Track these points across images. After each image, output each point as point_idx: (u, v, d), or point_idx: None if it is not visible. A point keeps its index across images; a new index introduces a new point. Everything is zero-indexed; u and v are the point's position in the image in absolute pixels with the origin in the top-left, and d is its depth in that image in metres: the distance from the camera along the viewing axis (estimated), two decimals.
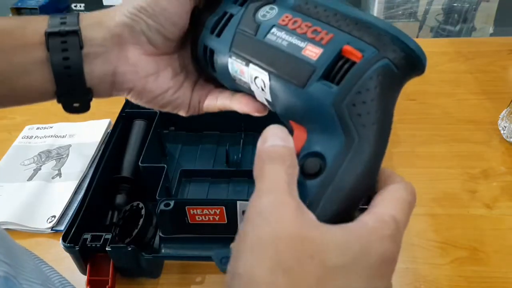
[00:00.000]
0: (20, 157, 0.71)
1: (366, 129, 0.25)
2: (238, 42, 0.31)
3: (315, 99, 0.26)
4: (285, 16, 0.29)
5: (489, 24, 1.46)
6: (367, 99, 0.25)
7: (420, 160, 0.67)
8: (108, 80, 0.32)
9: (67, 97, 0.32)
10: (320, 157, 0.26)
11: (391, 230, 0.24)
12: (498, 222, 0.58)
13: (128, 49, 0.32)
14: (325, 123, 0.26)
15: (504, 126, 0.69)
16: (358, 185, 0.25)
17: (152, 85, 0.33)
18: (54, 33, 0.30)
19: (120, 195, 0.58)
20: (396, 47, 0.26)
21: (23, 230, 0.60)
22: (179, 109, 0.36)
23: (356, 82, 0.25)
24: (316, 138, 0.27)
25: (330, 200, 0.25)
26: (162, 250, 0.52)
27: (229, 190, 0.62)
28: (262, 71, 0.29)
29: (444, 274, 0.52)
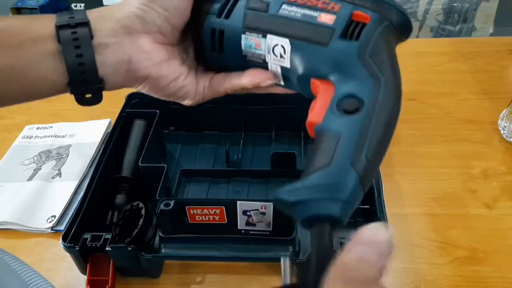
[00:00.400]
0: (20, 157, 0.71)
1: (388, 71, 0.30)
2: (250, 19, 0.33)
3: (341, 53, 0.31)
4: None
5: (489, 24, 1.46)
6: (383, 49, 0.30)
7: (420, 160, 0.67)
8: (122, 69, 0.33)
9: (80, 88, 0.32)
10: (355, 97, 0.29)
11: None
12: (498, 222, 0.58)
13: (140, 38, 0.33)
14: (351, 71, 0.30)
15: (504, 126, 0.69)
16: (394, 111, 0.30)
17: (166, 70, 0.34)
18: (64, 26, 0.31)
19: (120, 195, 0.58)
20: (392, 13, 0.31)
21: (23, 230, 0.60)
22: (186, 96, 0.37)
23: (371, 37, 0.30)
24: (345, 85, 0.30)
25: (378, 126, 0.28)
26: (162, 250, 0.52)
27: (229, 190, 0.62)
28: (282, 38, 0.32)
29: (444, 274, 0.52)
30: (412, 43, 0.95)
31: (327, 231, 0.25)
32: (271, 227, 0.51)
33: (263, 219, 0.51)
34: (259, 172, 0.63)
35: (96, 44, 0.32)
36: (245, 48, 0.34)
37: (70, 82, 0.32)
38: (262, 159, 0.67)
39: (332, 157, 0.27)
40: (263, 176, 0.63)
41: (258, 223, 0.51)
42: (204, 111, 0.70)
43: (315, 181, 0.26)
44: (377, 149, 0.28)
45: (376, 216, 0.52)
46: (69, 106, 0.82)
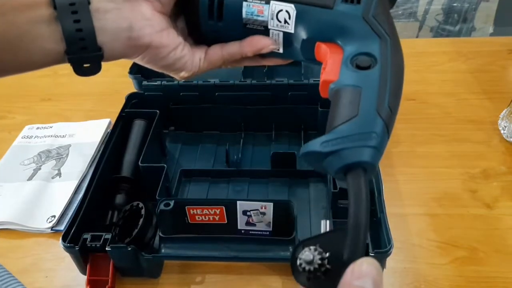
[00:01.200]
0: (20, 157, 0.71)
1: (390, 30, 0.32)
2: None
3: (346, 15, 0.32)
4: None
5: (489, 24, 1.46)
6: (384, 11, 0.32)
7: (420, 160, 0.67)
8: (123, 36, 0.32)
9: (77, 56, 0.31)
10: (367, 54, 0.31)
11: None
12: (498, 222, 0.58)
13: (140, 5, 0.33)
14: (357, 32, 0.32)
15: (504, 126, 0.69)
16: (401, 66, 0.31)
17: (167, 38, 0.34)
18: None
19: (120, 195, 0.58)
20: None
21: (23, 230, 0.60)
22: (182, 68, 0.36)
23: (372, 1, 0.32)
24: (353, 45, 0.32)
25: (393, 79, 0.30)
26: (162, 250, 0.52)
27: (229, 190, 0.62)
28: (287, 3, 0.33)
29: (444, 274, 0.52)
30: (412, 43, 0.95)
31: (362, 177, 0.26)
32: (271, 227, 0.51)
33: (263, 219, 0.50)
34: (259, 172, 0.63)
35: (94, 9, 0.30)
36: (246, 15, 0.34)
37: (68, 50, 0.30)
38: (262, 159, 0.67)
39: (358, 108, 0.28)
40: (263, 176, 0.63)
41: (258, 223, 0.51)
42: (204, 111, 0.70)
43: (347, 132, 0.27)
44: (396, 99, 0.30)
45: (376, 216, 0.52)
46: (69, 106, 0.82)
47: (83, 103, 0.82)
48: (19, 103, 0.83)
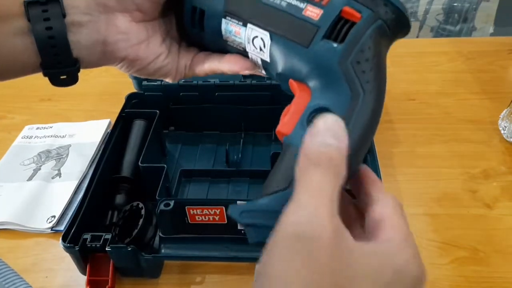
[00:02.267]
0: (20, 157, 0.71)
1: (369, 84, 0.27)
2: (232, 2, 0.31)
3: (320, 58, 0.27)
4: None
5: (489, 23, 1.46)
6: (369, 56, 0.27)
7: (420, 160, 0.67)
8: (97, 50, 0.31)
9: (53, 69, 0.30)
10: (329, 112, 0.27)
11: (415, 248, 0.24)
12: (499, 222, 0.57)
13: (117, 18, 0.31)
14: (330, 80, 0.27)
15: (504, 126, 0.69)
16: (367, 135, 0.27)
17: (145, 51, 0.33)
18: (34, 2, 0.29)
19: (120, 195, 0.58)
20: (387, 9, 0.28)
21: (23, 230, 0.60)
22: (167, 75, 0.35)
23: (358, 41, 0.27)
24: (321, 94, 0.28)
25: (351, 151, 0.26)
26: (162, 250, 0.52)
27: (229, 190, 0.62)
28: (262, 31, 0.29)
29: (444, 274, 0.52)
30: (412, 43, 0.95)
31: None
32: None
33: None
34: (259, 172, 0.63)
35: (69, 23, 0.29)
36: (225, 33, 0.32)
37: (43, 63, 0.30)
38: (262, 159, 0.67)
39: (290, 182, 0.25)
40: (263, 176, 0.62)
41: None
42: (204, 111, 0.70)
43: (268, 206, 0.25)
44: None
45: None
46: (69, 106, 0.82)
47: (83, 103, 0.82)
48: (19, 103, 0.83)
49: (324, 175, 0.22)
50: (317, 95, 0.28)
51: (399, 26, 0.29)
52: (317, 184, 0.21)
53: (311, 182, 0.22)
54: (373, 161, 0.58)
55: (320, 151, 0.22)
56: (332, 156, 0.22)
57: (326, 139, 0.23)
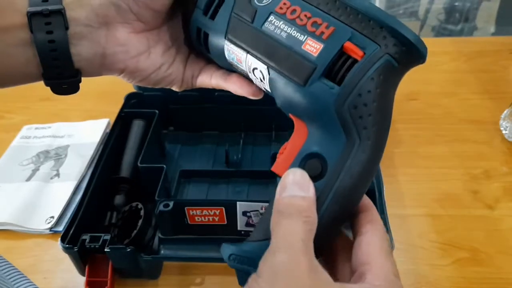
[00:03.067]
0: (18, 157, 0.71)
1: (367, 131, 0.25)
2: (234, 28, 0.29)
3: (315, 99, 0.26)
4: (283, 3, 0.28)
5: (491, 23, 1.46)
6: (368, 101, 0.25)
7: (421, 160, 0.66)
8: (97, 61, 0.31)
9: (55, 80, 0.30)
10: (321, 158, 0.26)
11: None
12: (500, 222, 0.57)
13: (116, 29, 0.31)
14: (325, 123, 0.26)
15: (506, 126, 0.69)
16: (360, 187, 0.26)
17: (145, 63, 0.32)
18: (37, 13, 0.28)
19: (119, 196, 0.58)
20: (396, 41, 0.25)
21: (21, 231, 0.60)
22: (172, 84, 0.35)
23: (357, 83, 0.25)
24: (317, 136, 0.27)
25: (334, 202, 0.25)
26: (161, 251, 0.52)
27: (228, 190, 0.62)
28: (261, 63, 0.28)
29: (446, 275, 0.52)
30: None
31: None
32: None
33: None
34: (259, 172, 0.63)
35: (70, 35, 0.29)
36: (228, 58, 0.31)
37: (44, 74, 0.30)
38: (262, 159, 0.66)
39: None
40: (263, 177, 0.63)
41: None
42: (204, 111, 0.70)
43: (252, 253, 0.26)
44: (326, 231, 0.26)
45: None
46: (68, 106, 0.82)
47: (82, 103, 0.81)
48: (18, 103, 0.83)
49: (294, 224, 0.24)
50: (312, 136, 0.27)
51: (410, 59, 0.26)
52: (289, 232, 0.24)
53: (284, 231, 0.24)
54: None
55: (289, 203, 0.25)
56: (300, 206, 0.25)
57: (294, 192, 0.25)
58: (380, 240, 0.26)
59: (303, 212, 0.24)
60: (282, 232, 0.24)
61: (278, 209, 0.25)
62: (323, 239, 0.26)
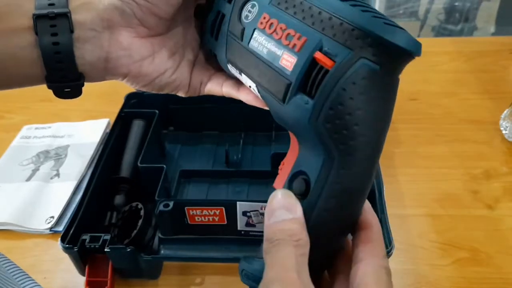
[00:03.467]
0: (18, 157, 0.71)
1: (346, 146, 0.23)
2: (230, 48, 0.30)
3: (294, 117, 0.25)
4: (263, 17, 0.27)
5: (491, 23, 1.46)
6: (342, 114, 0.23)
7: (421, 160, 0.66)
8: (100, 66, 0.31)
9: (58, 83, 0.30)
10: (305, 176, 0.25)
11: None
12: (500, 222, 0.57)
13: (120, 33, 0.31)
14: (307, 140, 0.25)
15: (506, 126, 0.69)
16: (348, 205, 0.24)
17: (148, 68, 0.32)
18: (42, 16, 0.29)
19: (119, 196, 0.58)
20: (372, 41, 0.22)
21: (21, 230, 0.60)
22: (178, 90, 0.35)
23: (328, 96, 0.23)
24: (303, 153, 0.26)
25: (318, 223, 0.25)
26: (161, 251, 0.52)
27: (228, 190, 0.62)
28: (251, 82, 0.28)
29: (446, 275, 0.52)
30: None
31: None
32: None
33: (263, 220, 0.50)
34: (259, 172, 0.63)
35: (75, 38, 0.29)
36: (235, 75, 0.32)
37: (48, 77, 0.30)
38: (262, 159, 0.66)
39: None
40: (263, 177, 0.63)
41: (258, 224, 0.51)
42: (204, 111, 0.70)
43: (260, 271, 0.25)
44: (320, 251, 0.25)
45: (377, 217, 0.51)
46: (68, 106, 0.81)
47: (81, 103, 0.81)
48: (18, 103, 0.83)
49: (285, 250, 0.24)
50: (301, 153, 0.26)
51: (393, 58, 0.23)
52: (281, 260, 0.23)
53: (276, 260, 0.24)
54: None
55: (278, 229, 0.24)
56: (288, 230, 0.24)
57: (281, 216, 0.25)
58: (376, 271, 0.24)
59: (293, 236, 0.24)
60: (274, 262, 0.24)
61: (267, 237, 0.25)
62: (319, 259, 0.26)
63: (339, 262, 0.28)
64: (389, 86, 0.24)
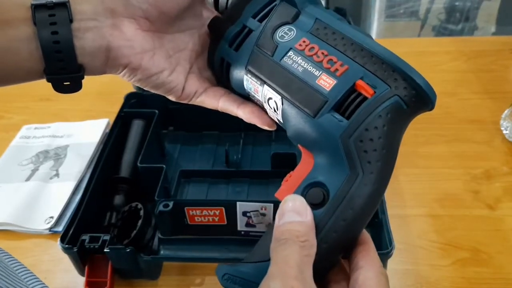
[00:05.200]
0: (18, 157, 0.70)
1: (371, 165, 0.26)
2: (254, 60, 0.31)
3: (324, 131, 0.27)
4: (303, 41, 0.29)
5: (491, 23, 1.46)
6: (374, 136, 0.26)
7: (422, 160, 0.66)
8: (101, 56, 0.30)
9: (57, 75, 0.30)
10: (324, 187, 0.27)
11: None
12: (500, 222, 0.57)
13: (123, 23, 0.30)
14: (331, 154, 0.27)
15: (506, 126, 0.68)
16: (360, 219, 0.27)
17: (148, 62, 0.32)
18: (40, 6, 0.28)
19: (119, 196, 0.58)
20: (407, 84, 0.27)
21: (21, 231, 0.59)
22: (171, 92, 0.34)
23: (365, 119, 0.26)
24: (322, 167, 0.28)
25: (333, 230, 0.26)
26: (161, 251, 0.52)
27: (228, 190, 0.62)
28: (276, 94, 0.30)
29: (446, 275, 0.52)
30: (413, 42, 0.95)
31: None
32: None
33: (263, 220, 0.50)
34: (259, 172, 0.63)
35: (75, 28, 0.29)
36: (246, 88, 0.32)
37: (46, 69, 0.29)
38: (262, 159, 0.66)
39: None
40: (263, 177, 0.63)
41: (258, 224, 0.51)
42: (204, 111, 0.69)
43: (249, 275, 0.27)
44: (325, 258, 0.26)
45: (378, 217, 0.51)
46: (67, 106, 0.81)
47: (81, 103, 0.81)
48: (17, 103, 0.82)
49: (290, 249, 0.24)
50: (318, 166, 0.28)
51: (420, 103, 0.28)
52: (285, 258, 0.24)
53: (280, 258, 0.24)
54: None
55: (286, 229, 0.25)
56: (296, 231, 0.25)
57: (291, 218, 0.26)
58: (377, 277, 0.26)
59: (300, 237, 0.25)
60: (278, 259, 0.24)
61: (276, 237, 0.25)
62: (322, 266, 0.27)
63: (331, 272, 0.28)
64: (406, 125, 0.28)
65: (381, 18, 1.51)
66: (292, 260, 0.24)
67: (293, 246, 0.24)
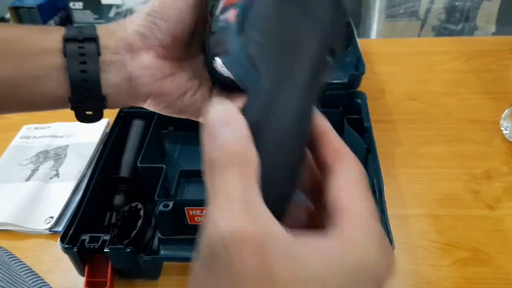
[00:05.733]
0: (17, 157, 0.71)
1: (261, 62, 0.21)
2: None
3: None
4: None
5: (491, 23, 1.45)
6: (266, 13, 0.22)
7: (421, 160, 0.66)
8: (124, 86, 0.32)
9: (81, 105, 0.32)
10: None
11: (381, 247, 0.19)
12: (501, 222, 0.57)
13: (142, 55, 0.32)
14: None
15: (506, 126, 0.68)
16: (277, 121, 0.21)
17: (170, 86, 0.33)
18: (72, 39, 0.31)
19: (119, 196, 0.58)
20: None
21: (20, 231, 0.59)
22: (199, 113, 0.35)
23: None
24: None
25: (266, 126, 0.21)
26: (161, 251, 0.52)
27: None
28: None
29: (446, 275, 0.52)
30: (414, 42, 0.94)
31: None
32: None
33: None
34: None
35: (101, 61, 0.31)
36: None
37: (72, 98, 0.31)
38: None
39: None
40: None
41: None
42: None
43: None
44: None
45: None
46: None
47: None
48: None
49: (230, 174, 0.19)
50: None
51: None
52: (225, 188, 0.19)
53: (219, 189, 0.19)
54: (374, 162, 0.58)
55: (219, 149, 0.20)
56: (232, 150, 0.20)
57: (222, 133, 0.20)
58: (354, 178, 0.21)
59: (238, 155, 0.19)
60: (217, 189, 0.19)
61: (209, 161, 0.20)
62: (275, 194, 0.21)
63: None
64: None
65: (381, 18, 1.51)
66: (236, 190, 0.19)
67: (233, 170, 0.19)
